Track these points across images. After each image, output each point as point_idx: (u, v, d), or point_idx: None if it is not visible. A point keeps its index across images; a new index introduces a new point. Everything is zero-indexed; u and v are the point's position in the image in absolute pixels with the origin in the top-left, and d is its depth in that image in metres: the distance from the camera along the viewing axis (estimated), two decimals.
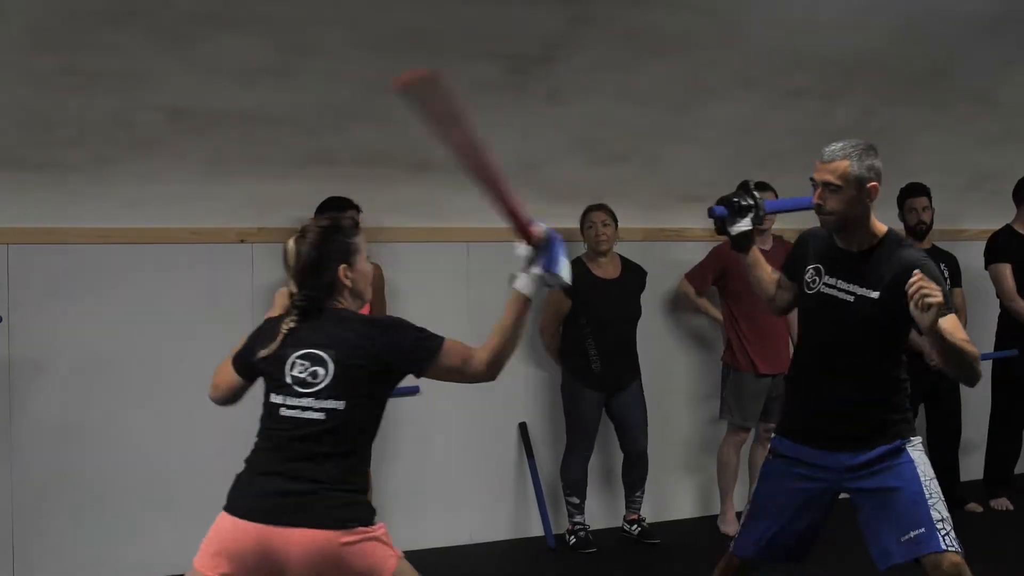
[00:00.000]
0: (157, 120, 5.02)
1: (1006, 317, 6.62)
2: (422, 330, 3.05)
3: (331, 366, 3.02)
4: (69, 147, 5.00)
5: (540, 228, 3.06)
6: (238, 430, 5.42)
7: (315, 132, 5.32)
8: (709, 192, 6.25)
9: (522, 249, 3.08)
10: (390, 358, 3.03)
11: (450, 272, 5.69)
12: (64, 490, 5.17)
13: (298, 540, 2.93)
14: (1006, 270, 6.51)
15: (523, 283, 3.08)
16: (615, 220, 5.86)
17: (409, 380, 5.68)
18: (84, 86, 4.78)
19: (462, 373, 3.06)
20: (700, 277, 6.15)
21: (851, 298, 3.63)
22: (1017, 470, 6.82)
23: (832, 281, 3.71)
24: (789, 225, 6.45)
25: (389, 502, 5.66)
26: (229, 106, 5.06)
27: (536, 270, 3.06)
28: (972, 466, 6.84)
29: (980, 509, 6.52)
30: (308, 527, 2.93)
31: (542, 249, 3.06)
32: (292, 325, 3.11)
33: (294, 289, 3.15)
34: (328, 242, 3.10)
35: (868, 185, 3.73)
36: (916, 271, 3.32)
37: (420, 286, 5.68)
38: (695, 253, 6.24)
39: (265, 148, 5.28)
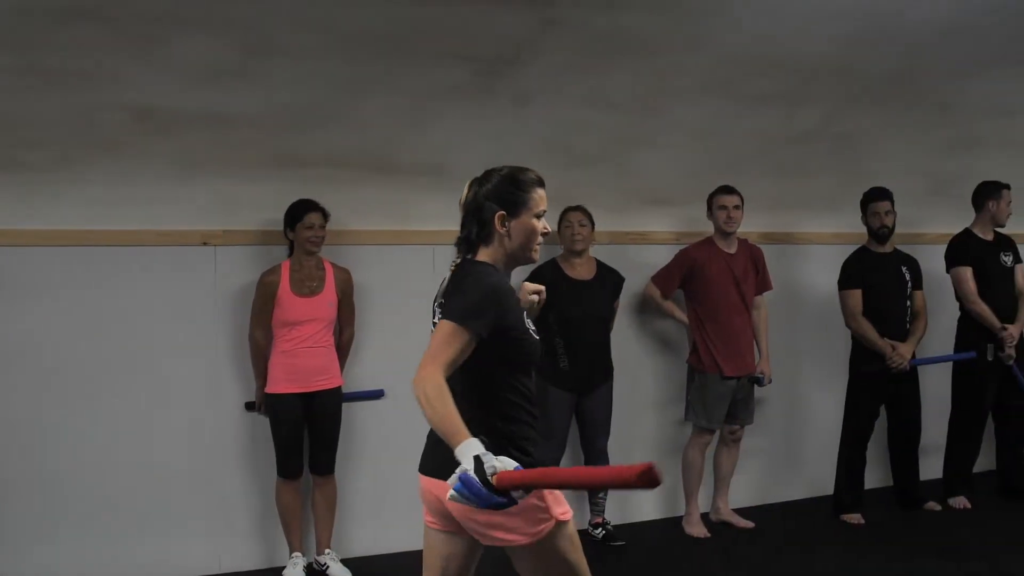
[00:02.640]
0: (121, 120, 4.97)
1: (966, 320, 6.69)
2: (463, 300, 2.95)
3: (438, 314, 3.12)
4: (31, 148, 4.95)
5: (514, 496, 2.68)
6: (200, 430, 5.44)
7: (281, 134, 5.29)
8: (675, 195, 6.34)
9: (500, 465, 2.66)
10: (446, 302, 3.07)
11: (416, 275, 5.67)
12: (25, 491, 5.10)
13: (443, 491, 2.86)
14: (967, 273, 6.58)
15: (468, 448, 2.69)
16: (592, 222, 5.89)
17: (374, 383, 5.75)
18: (45, 86, 4.72)
19: (426, 354, 2.88)
20: (666, 280, 6.17)
21: None
22: (976, 470, 6.88)
23: None
24: (753, 228, 6.51)
25: (355, 505, 5.66)
26: (194, 107, 5.02)
27: (468, 468, 2.64)
28: (931, 466, 6.91)
29: (939, 508, 6.58)
30: (444, 479, 2.81)
31: (487, 491, 2.63)
32: None
33: None
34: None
35: None
36: None
37: (386, 288, 5.67)
38: (661, 256, 6.27)
39: (230, 150, 5.24)
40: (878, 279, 6.41)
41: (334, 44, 4.99)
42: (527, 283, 3.38)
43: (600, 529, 6.02)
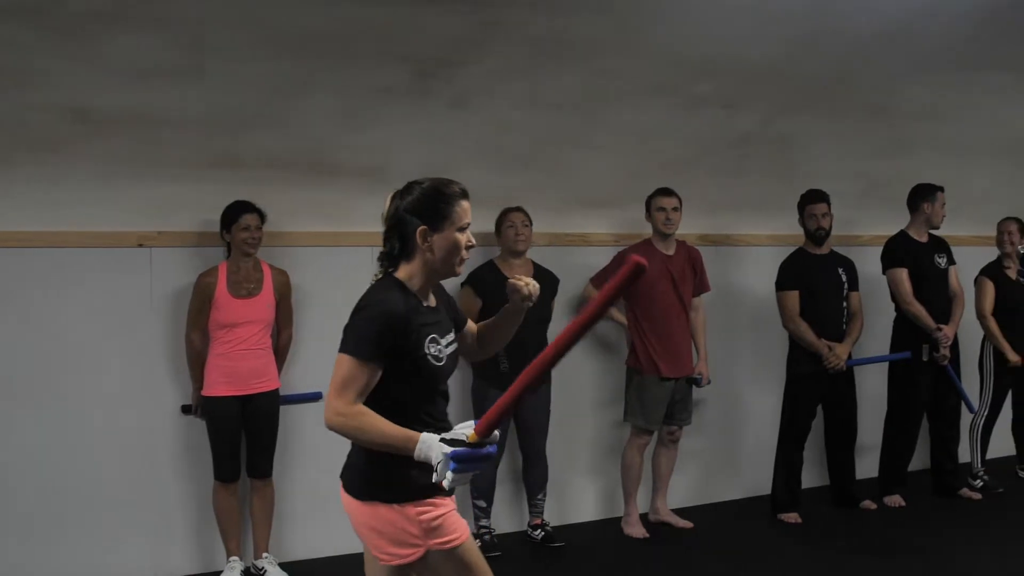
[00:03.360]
0: (53, 121, 4.90)
1: (901, 320, 6.78)
2: (356, 332, 2.93)
3: None
4: None
5: (496, 436, 2.88)
6: (135, 434, 5.37)
7: (218, 134, 5.24)
8: (613, 197, 6.36)
9: (466, 429, 2.84)
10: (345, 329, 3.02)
11: (355, 276, 5.59)
12: None
13: (344, 500, 3.11)
14: (902, 274, 6.66)
15: (429, 443, 2.85)
16: (531, 222, 5.89)
17: (312, 385, 5.71)
18: None
19: (329, 392, 2.94)
20: (604, 282, 6.18)
21: None
22: (911, 468, 6.98)
23: None
24: (691, 230, 6.55)
25: (293, 508, 5.62)
26: (128, 107, 4.96)
27: (447, 450, 2.79)
28: (867, 465, 7.00)
29: (874, 507, 6.67)
30: (343, 488, 3.11)
31: (476, 448, 2.81)
32: None
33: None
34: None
35: None
36: None
37: (325, 290, 5.64)
38: (600, 257, 6.28)
39: (166, 150, 5.18)
40: (815, 281, 6.47)
41: (271, 44, 4.95)
42: (511, 281, 3.27)
43: (539, 530, 6.02)
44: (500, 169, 5.96)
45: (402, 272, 3.07)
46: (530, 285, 3.24)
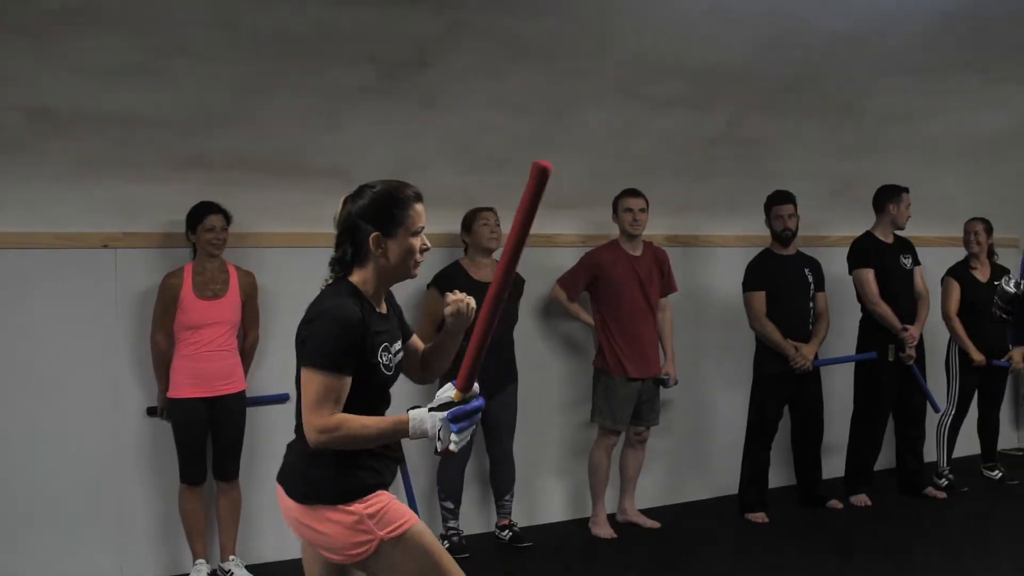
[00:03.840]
0: (16, 121, 4.86)
1: (867, 321, 6.82)
2: (319, 344, 2.87)
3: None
4: None
5: (476, 388, 2.91)
6: (101, 436, 5.33)
7: (184, 135, 5.21)
8: (580, 198, 6.36)
9: (447, 392, 2.88)
10: (303, 339, 2.94)
11: (322, 278, 5.60)
12: None
13: (281, 503, 3.05)
14: (869, 275, 6.70)
15: (420, 416, 2.85)
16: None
17: (279, 387, 5.68)
18: None
19: (304, 411, 2.88)
20: (572, 283, 6.20)
21: None
22: (877, 468, 7.02)
23: None
24: (658, 231, 6.57)
25: (259, 511, 5.59)
26: (94, 106, 4.93)
27: (443, 415, 2.82)
28: (834, 465, 7.03)
29: (841, 506, 6.71)
30: (285, 492, 3.03)
31: (466, 404, 2.85)
32: None
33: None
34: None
35: None
36: None
37: (291, 291, 5.57)
38: (567, 259, 6.29)
39: (132, 150, 5.15)
40: (781, 281, 6.50)
41: (239, 44, 4.93)
42: (450, 295, 3.24)
43: (507, 531, 6.02)
44: (468, 170, 5.96)
45: (356, 277, 3.02)
46: (464, 301, 3.20)
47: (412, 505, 5.85)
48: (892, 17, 5.98)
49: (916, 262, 6.90)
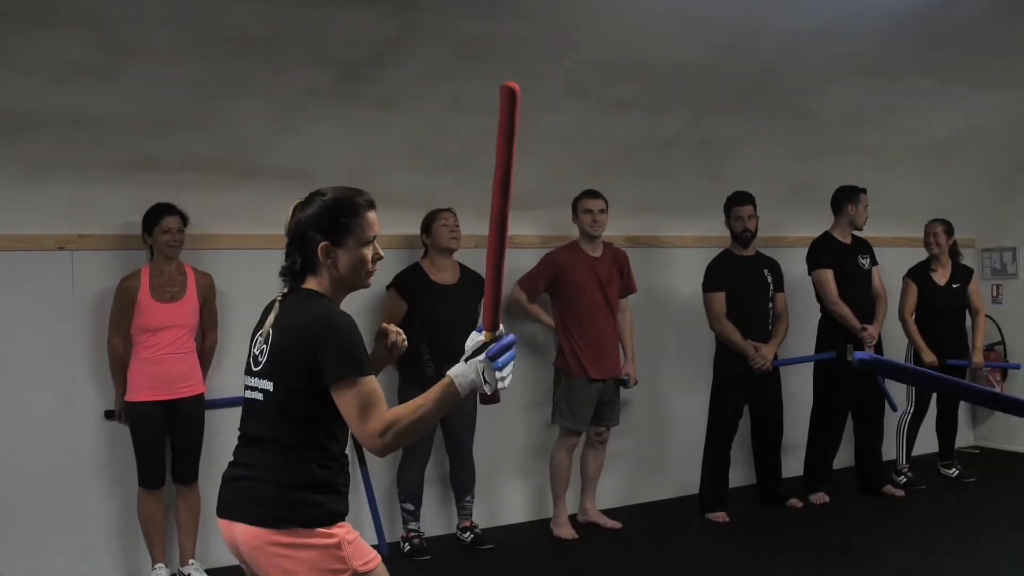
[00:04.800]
0: None
1: (826, 320, 6.87)
2: (349, 353, 2.76)
3: (269, 345, 2.88)
4: None
5: (503, 329, 2.78)
6: (57, 440, 5.28)
7: (140, 136, 5.18)
8: (540, 200, 6.36)
9: (477, 338, 2.77)
10: (320, 355, 2.77)
11: (280, 280, 5.61)
12: None
13: (241, 536, 2.84)
14: (828, 275, 6.75)
15: (460, 371, 2.74)
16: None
17: (237, 390, 5.62)
18: None
19: (354, 427, 2.77)
20: (532, 284, 6.20)
21: None
22: (836, 466, 7.07)
23: None
24: (618, 232, 6.59)
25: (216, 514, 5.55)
26: (47, 107, 4.88)
27: (482, 357, 2.72)
28: (793, 464, 7.07)
29: (800, 505, 6.76)
30: (242, 522, 2.83)
31: (499, 340, 2.74)
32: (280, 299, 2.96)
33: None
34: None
35: None
36: None
37: (249, 293, 5.54)
38: (527, 260, 6.30)
39: (87, 152, 5.11)
40: (741, 282, 6.54)
41: (195, 45, 4.90)
42: (391, 326, 3.17)
43: (468, 533, 6.02)
44: (427, 171, 5.96)
45: (314, 286, 2.92)
46: (400, 336, 3.13)
47: (373, 508, 5.84)
48: (846, 20, 6.02)
49: (874, 262, 6.96)
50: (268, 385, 2.87)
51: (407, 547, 5.82)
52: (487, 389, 2.73)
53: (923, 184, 7.78)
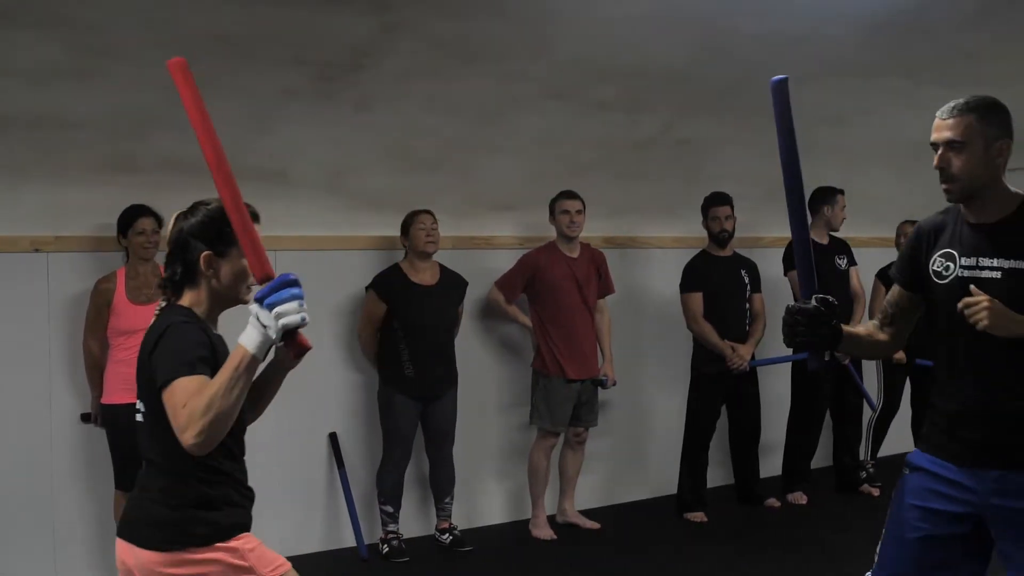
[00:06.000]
0: None
1: None
2: (176, 354, 2.63)
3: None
4: None
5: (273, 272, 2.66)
6: (33, 444, 5.26)
7: (115, 137, 5.15)
8: (518, 201, 6.37)
9: (255, 289, 2.66)
10: (155, 366, 2.67)
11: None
12: None
13: (136, 559, 2.75)
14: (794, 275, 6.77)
15: (246, 335, 2.58)
16: (437, 225, 5.87)
17: None
18: None
19: (174, 426, 2.59)
20: (509, 285, 6.21)
21: (998, 274, 3.06)
22: (814, 466, 7.10)
23: (970, 262, 3.14)
24: (595, 233, 6.59)
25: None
26: (21, 108, 4.85)
27: (254, 311, 2.57)
28: (771, 463, 7.10)
29: (778, 504, 6.78)
30: (136, 545, 2.74)
31: (268, 282, 2.61)
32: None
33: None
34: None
35: (997, 143, 3.16)
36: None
37: None
38: (504, 261, 6.30)
39: (61, 153, 5.08)
40: (718, 282, 6.55)
41: (170, 45, 4.83)
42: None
43: (447, 534, 6.01)
44: (404, 172, 5.95)
45: (187, 299, 2.81)
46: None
47: (351, 510, 5.84)
48: (823, 21, 6.04)
49: (852, 262, 6.99)
50: (142, 407, 2.79)
51: (386, 549, 5.81)
52: (272, 334, 2.56)
53: (898, 185, 7.81)
